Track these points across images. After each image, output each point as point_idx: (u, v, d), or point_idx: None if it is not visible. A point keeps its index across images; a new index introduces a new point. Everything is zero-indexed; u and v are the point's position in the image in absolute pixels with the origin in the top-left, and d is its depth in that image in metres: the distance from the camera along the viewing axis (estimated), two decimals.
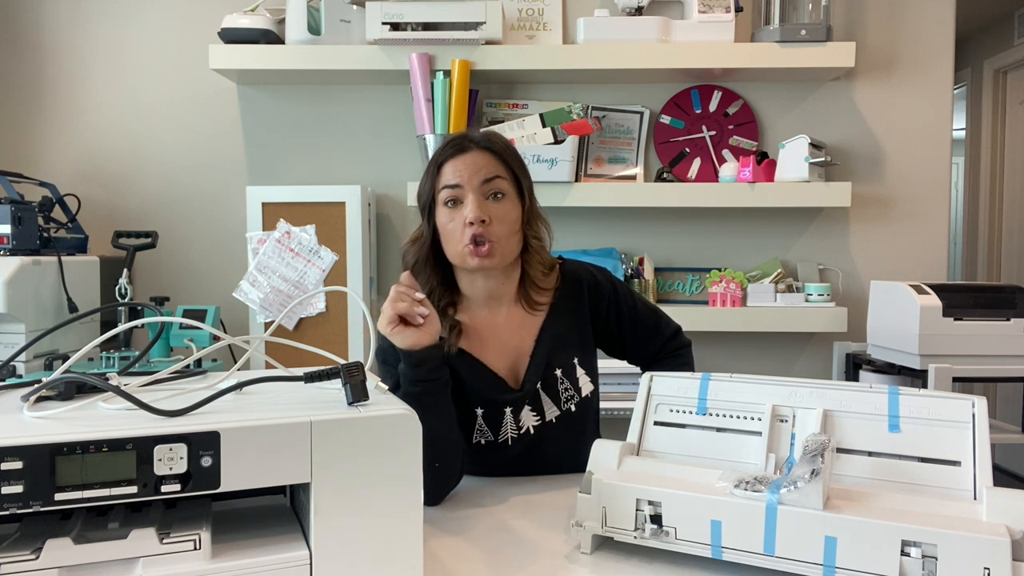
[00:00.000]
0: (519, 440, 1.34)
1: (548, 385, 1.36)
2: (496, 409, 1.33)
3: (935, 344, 2.12)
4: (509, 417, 1.33)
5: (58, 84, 2.69)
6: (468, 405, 1.32)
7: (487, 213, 1.26)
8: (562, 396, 1.37)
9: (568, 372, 1.38)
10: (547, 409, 1.35)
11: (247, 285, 2.43)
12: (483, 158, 1.29)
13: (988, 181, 4.11)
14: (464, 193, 1.27)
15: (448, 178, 1.28)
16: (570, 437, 1.38)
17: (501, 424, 1.33)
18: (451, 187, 1.27)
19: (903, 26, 2.63)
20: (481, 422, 1.33)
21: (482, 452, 1.34)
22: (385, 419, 0.78)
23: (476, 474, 1.36)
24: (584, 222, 2.65)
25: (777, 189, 2.46)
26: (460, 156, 1.29)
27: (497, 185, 1.28)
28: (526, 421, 1.34)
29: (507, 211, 1.29)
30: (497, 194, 1.29)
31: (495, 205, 1.28)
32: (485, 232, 1.25)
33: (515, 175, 1.32)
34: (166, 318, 0.93)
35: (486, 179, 1.28)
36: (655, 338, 1.48)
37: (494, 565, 0.96)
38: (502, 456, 1.34)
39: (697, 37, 2.45)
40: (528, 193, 1.34)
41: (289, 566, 0.75)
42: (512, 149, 1.34)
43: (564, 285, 1.41)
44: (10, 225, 2.15)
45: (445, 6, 2.40)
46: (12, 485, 0.66)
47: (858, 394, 0.99)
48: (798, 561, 0.86)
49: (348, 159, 2.69)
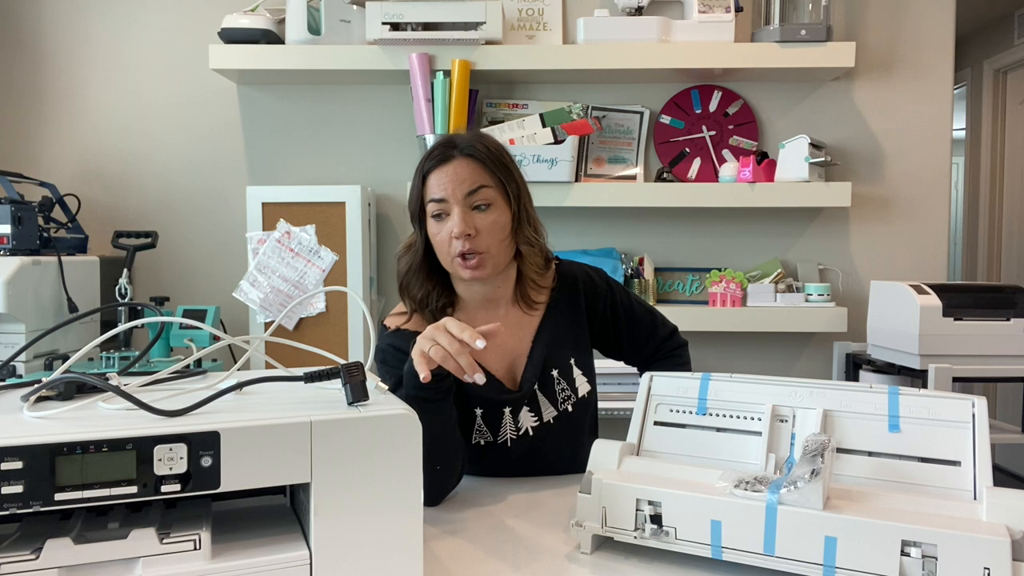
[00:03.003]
0: (519, 442, 1.34)
1: (545, 386, 1.36)
2: (495, 410, 1.33)
3: (935, 344, 2.12)
4: (508, 418, 1.33)
5: (58, 84, 2.69)
6: (467, 405, 1.32)
7: (472, 226, 1.25)
8: (559, 396, 1.37)
9: (565, 372, 1.38)
10: (544, 410, 1.36)
11: (247, 285, 2.43)
12: (466, 168, 1.27)
13: (988, 181, 4.11)
14: (449, 206, 1.26)
15: (433, 191, 1.27)
16: (568, 438, 1.38)
17: (500, 425, 1.33)
18: (436, 201, 1.27)
19: (903, 26, 2.63)
20: (480, 422, 1.33)
21: (483, 453, 1.34)
22: (385, 419, 0.78)
23: (477, 475, 1.36)
24: (584, 222, 2.65)
25: (777, 189, 2.46)
26: (443, 167, 1.27)
27: (482, 195, 1.26)
28: (524, 422, 1.34)
29: (493, 220, 1.27)
30: (482, 205, 1.27)
31: (481, 216, 1.26)
32: (473, 245, 1.25)
33: (501, 182, 1.29)
34: (166, 318, 0.93)
35: (470, 191, 1.26)
36: (651, 338, 1.48)
37: (494, 565, 0.96)
38: (503, 458, 1.34)
39: (697, 37, 2.45)
40: (515, 198, 1.31)
41: (289, 566, 0.75)
42: (497, 154, 1.30)
43: (560, 286, 1.41)
44: (10, 225, 2.15)
45: (445, 6, 2.40)
46: (12, 485, 0.66)
47: (858, 394, 0.99)
48: (798, 561, 0.86)
49: (348, 159, 2.69)
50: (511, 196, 1.31)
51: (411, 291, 1.34)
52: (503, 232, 1.29)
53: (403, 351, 1.26)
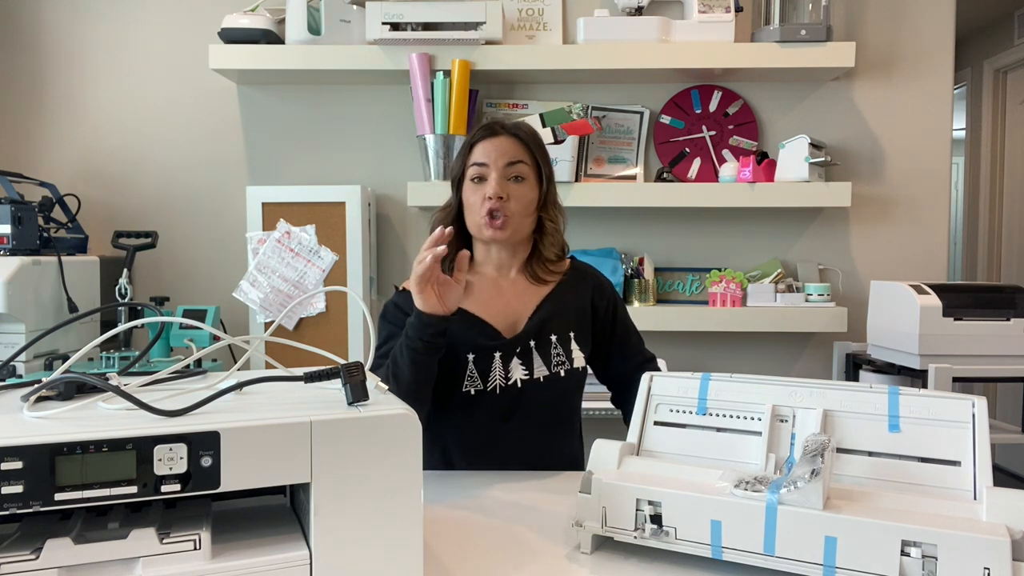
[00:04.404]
0: (505, 391, 1.41)
1: (541, 346, 1.44)
2: (486, 355, 1.41)
3: (935, 344, 2.12)
4: (498, 363, 1.41)
5: (58, 84, 2.69)
6: (460, 352, 1.40)
7: (506, 191, 1.41)
8: (553, 360, 1.44)
9: (563, 341, 1.46)
10: (536, 367, 1.43)
11: (247, 285, 2.43)
12: (510, 143, 1.44)
13: (988, 181, 4.11)
14: (488, 172, 1.42)
15: (477, 157, 1.44)
16: (556, 401, 1.46)
17: (490, 370, 1.41)
18: (478, 165, 1.43)
19: (903, 26, 2.63)
20: (472, 367, 1.41)
21: (470, 402, 1.40)
22: (385, 419, 0.78)
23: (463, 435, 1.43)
24: (584, 222, 2.65)
25: (777, 189, 2.46)
26: (490, 139, 1.44)
27: (519, 169, 1.43)
28: (515, 373, 1.42)
29: (524, 192, 1.43)
30: (518, 177, 1.43)
31: (515, 186, 1.42)
32: (501, 207, 1.40)
33: (537, 163, 1.46)
34: (166, 318, 0.93)
35: (510, 162, 1.42)
36: (637, 355, 1.57)
37: (494, 565, 0.96)
38: (488, 406, 1.41)
39: (697, 37, 2.45)
40: (547, 180, 1.47)
41: (289, 566, 0.75)
42: (538, 139, 1.49)
43: (572, 273, 1.53)
44: (10, 225, 2.15)
45: (445, 6, 2.40)
46: (12, 485, 0.66)
47: (858, 394, 0.99)
48: (798, 561, 0.86)
49: (348, 159, 2.69)
50: (543, 177, 1.47)
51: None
52: (530, 205, 1.45)
53: (403, 310, 1.40)
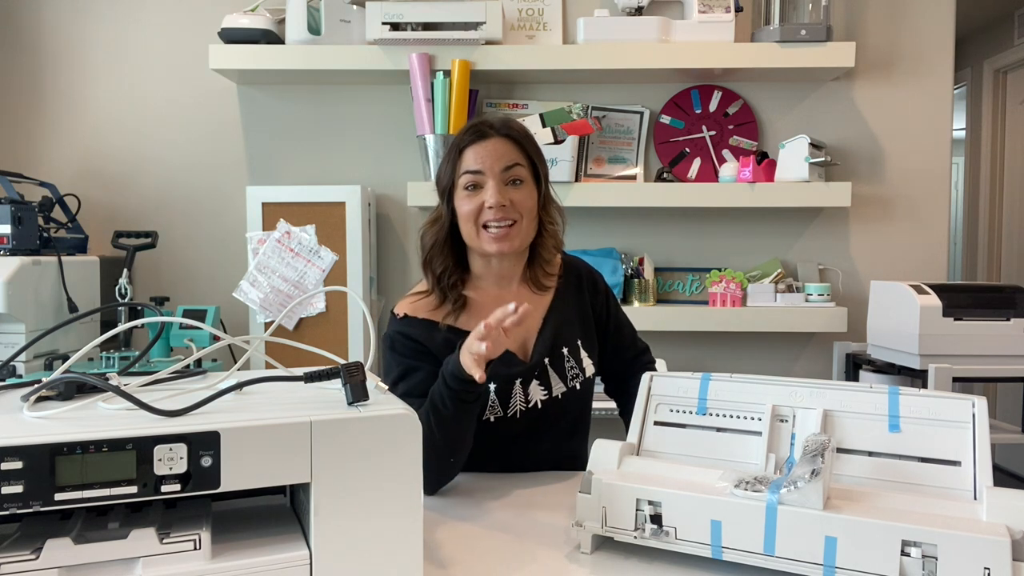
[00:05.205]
0: (526, 414, 1.36)
1: (555, 361, 1.39)
2: (507, 382, 1.35)
3: (935, 344, 2.12)
4: (518, 388, 1.35)
5: (58, 84, 2.69)
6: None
7: (507, 198, 1.31)
8: (568, 374, 1.41)
9: (573, 351, 1.42)
10: (554, 385, 1.39)
11: (247, 285, 2.43)
12: (503, 145, 1.33)
13: (988, 181, 4.11)
14: (484, 179, 1.32)
15: (469, 163, 1.33)
16: (572, 415, 1.42)
17: (511, 396, 1.35)
18: (472, 172, 1.32)
19: (903, 26, 2.63)
20: (493, 397, 1.34)
21: (490, 428, 1.35)
22: (385, 419, 0.78)
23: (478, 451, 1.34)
24: (584, 222, 2.65)
25: (777, 189, 2.46)
26: (481, 143, 1.33)
27: (516, 172, 1.34)
28: (534, 395, 1.37)
29: (525, 197, 1.34)
30: (516, 180, 1.34)
31: (515, 191, 1.33)
32: (506, 214, 1.31)
33: (532, 162, 1.37)
34: (166, 318, 0.93)
35: (507, 166, 1.32)
36: (631, 348, 1.55)
37: (494, 565, 0.96)
38: (508, 431, 1.36)
39: (697, 37, 2.45)
40: (544, 179, 1.40)
41: (289, 566, 0.75)
42: (531, 137, 1.39)
43: (567, 274, 1.48)
44: (10, 225, 2.15)
45: (445, 6, 2.40)
46: (12, 485, 0.66)
47: (858, 394, 0.99)
48: (798, 561, 0.86)
49: (348, 159, 2.68)
50: (540, 176, 1.39)
51: (433, 265, 1.38)
52: (532, 210, 1.36)
53: (411, 339, 1.33)
